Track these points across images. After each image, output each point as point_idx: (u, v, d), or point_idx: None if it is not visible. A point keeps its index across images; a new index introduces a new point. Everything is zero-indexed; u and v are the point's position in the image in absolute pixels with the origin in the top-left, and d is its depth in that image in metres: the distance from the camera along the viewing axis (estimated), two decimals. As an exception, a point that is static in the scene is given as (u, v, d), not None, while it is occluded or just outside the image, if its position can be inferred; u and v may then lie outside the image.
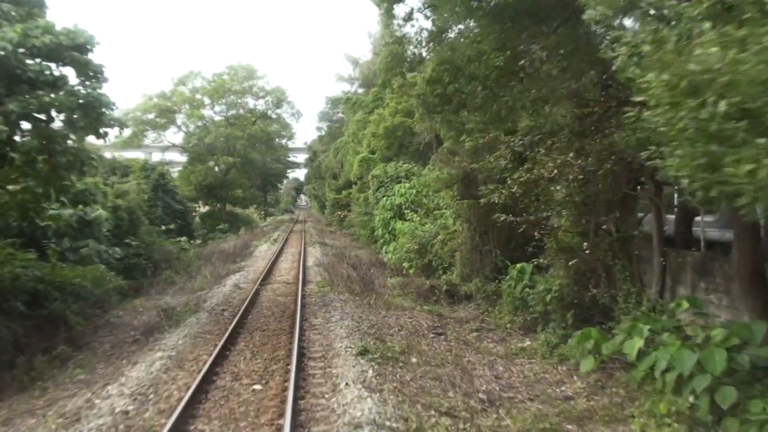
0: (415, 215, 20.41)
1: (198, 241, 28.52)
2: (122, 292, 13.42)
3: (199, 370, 7.45)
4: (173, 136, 45.46)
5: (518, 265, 12.42)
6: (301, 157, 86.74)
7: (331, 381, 7.21)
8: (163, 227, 23.47)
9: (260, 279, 16.79)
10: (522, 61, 8.18)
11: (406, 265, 18.91)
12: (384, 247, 21.04)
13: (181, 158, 48.03)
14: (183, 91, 43.79)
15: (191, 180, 42.86)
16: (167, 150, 45.91)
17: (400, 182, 23.14)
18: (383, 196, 23.39)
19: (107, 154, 45.41)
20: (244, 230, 41.29)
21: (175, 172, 45.18)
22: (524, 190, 10.70)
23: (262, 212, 64.28)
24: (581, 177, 8.78)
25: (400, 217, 21.56)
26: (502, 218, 10.96)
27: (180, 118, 43.60)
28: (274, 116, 49.22)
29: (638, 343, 7.01)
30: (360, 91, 45.92)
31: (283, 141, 71.02)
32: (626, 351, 7.13)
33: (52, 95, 9.05)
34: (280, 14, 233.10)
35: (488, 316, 14.04)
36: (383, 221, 21.95)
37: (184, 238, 24.46)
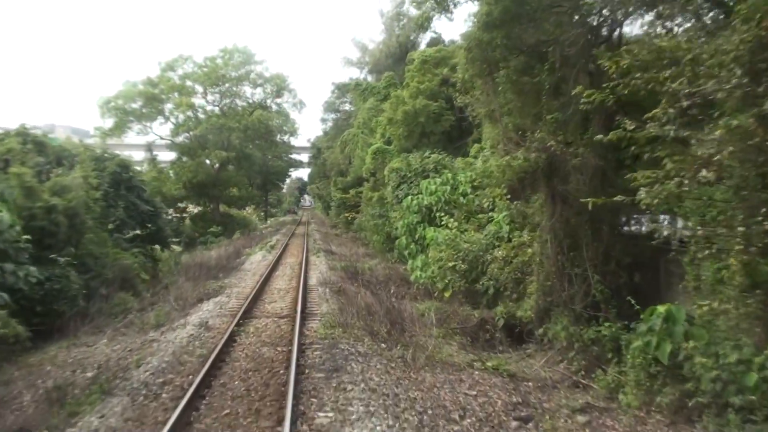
0: (451, 219, 15.48)
1: (178, 249, 23.67)
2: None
3: None
4: (160, 128, 40.72)
5: (661, 308, 7.48)
6: (305, 157, 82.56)
7: None
8: (131, 233, 18.62)
9: (242, 310, 11.88)
10: None
11: (439, 285, 14.03)
12: (411, 262, 16.11)
13: (170, 155, 43.21)
14: (171, 78, 38.93)
15: (180, 177, 38.11)
16: (154, 144, 40.93)
17: (427, 177, 18.22)
18: (406, 195, 18.47)
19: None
20: (239, 234, 36.47)
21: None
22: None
23: (262, 213, 59.27)
24: None
25: (430, 221, 16.64)
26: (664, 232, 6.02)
27: (168, 109, 38.77)
28: (273, 106, 44.28)
29: None
30: (369, 78, 41.01)
31: (285, 137, 66.64)
32: None
33: None
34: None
35: (587, 378, 9.21)
36: (408, 227, 17.03)
37: (156, 247, 19.62)
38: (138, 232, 19.10)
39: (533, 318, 10.17)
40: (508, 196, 15.88)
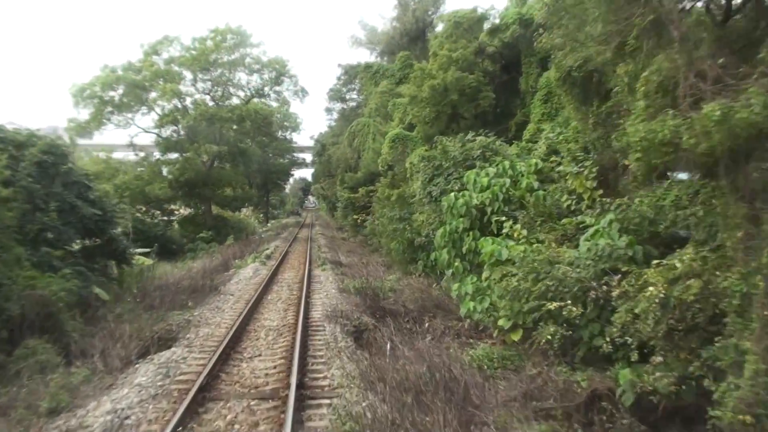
0: (517, 226, 10.65)
1: (147, 262, 18.91)
2: None
3: None
4: (146, 121, 36.08)
5: None
6: (308, 157, 78.41)
7: None
8: (76, 245, 13.92)
9: (200, 379, 7.07)
10: None
11: (504, 323, 9.19)
12: (457, 286, 11.19)
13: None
14: (156, 62, 34.18)
15: (166, 175, 33.49)
16: (137, 142, 36.15)
17: (472, 167, 13.35)
18: (443, 192, 13.62)
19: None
20: (232, 240, 31.73)
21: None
22: None
23: (261, 215, 54.39)
24: None
25: (482, 228, 11.77)
26: None
27: (152, 98, 33.91)
28: (272, 95, 39.38)
29: None
30: (380, 62, 36.14)
31: (287, 133, 62.35)
32: None
33: None
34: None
35: None
36: (450, 235, 12.12)
37: (111, 263, 14.90)
38: (88, 242, 14.39)
39: (742, 419, 5.33)
40: (600, 191, 11.20)
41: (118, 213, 15.24)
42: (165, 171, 35.84)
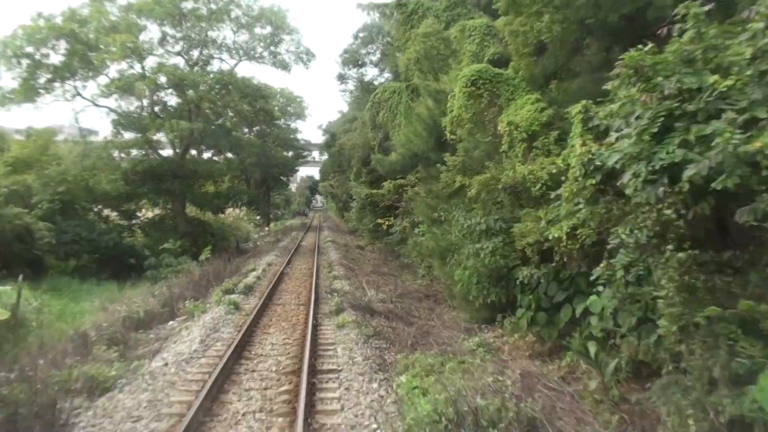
0: None
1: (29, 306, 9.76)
2: None
3: None
4: (93, 89, 27.07)
5: None
6: (315, 155, 70.00)
7: None
8: None
9: None
10: None
11: None
12: None
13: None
14: (108, 11, 25.11)
15: (119, 165, 24.44)
16: (83, 114, 27.25)
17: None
18: (731, 160, 4.38)
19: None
20: (209, 253, 22.56)
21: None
22: None
23: (257, 217, 45.04)
24: None
25: None
26: None
27: (101, 57, 24.82)
28: (266, 55, 29.82)
29: None
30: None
31: (292, 122, 53.37)
32: None
33: None
34: None
35: None
36: None
37: None
38: None
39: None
40: None
41: None
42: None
